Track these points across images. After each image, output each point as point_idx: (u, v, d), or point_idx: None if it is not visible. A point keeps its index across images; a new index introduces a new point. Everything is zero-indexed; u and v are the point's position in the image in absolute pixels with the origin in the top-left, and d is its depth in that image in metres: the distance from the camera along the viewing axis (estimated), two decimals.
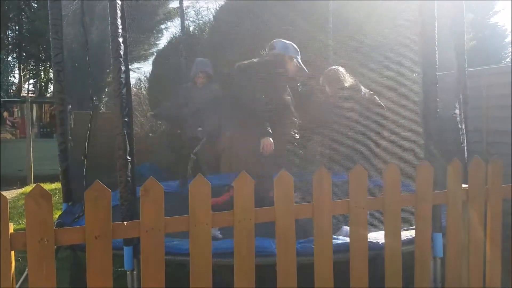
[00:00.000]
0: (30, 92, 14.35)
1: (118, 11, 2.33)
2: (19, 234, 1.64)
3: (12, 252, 1.65)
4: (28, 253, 1.63)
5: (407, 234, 2.46)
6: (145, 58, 11.36)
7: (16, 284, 2.14)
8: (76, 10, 3.59)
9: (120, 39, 2.34)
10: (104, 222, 1.73)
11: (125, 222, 1.81)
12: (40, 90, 14.33)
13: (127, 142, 2.33)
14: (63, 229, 1.75)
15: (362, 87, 3.41)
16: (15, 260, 1.73)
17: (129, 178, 2.35)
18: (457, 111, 3.05)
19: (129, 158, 2.35)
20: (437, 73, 2.49)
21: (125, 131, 2.33)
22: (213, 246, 1.92)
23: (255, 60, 3.53)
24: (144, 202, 1.79)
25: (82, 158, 3.28)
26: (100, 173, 3.33)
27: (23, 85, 14.01)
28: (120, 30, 2.34)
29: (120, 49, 2.33)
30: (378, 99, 3.37)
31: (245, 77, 3.41)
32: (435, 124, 2.48)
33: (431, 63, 2.48)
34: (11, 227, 1.65)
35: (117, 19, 2.32)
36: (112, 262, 1.75)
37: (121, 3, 2.36)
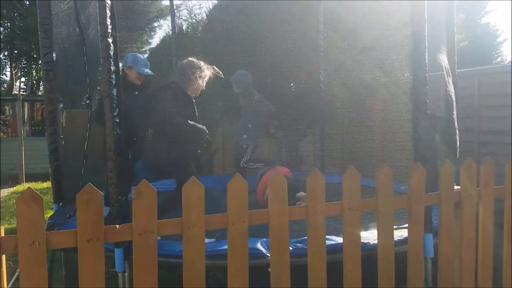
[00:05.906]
0: (21, 90, 14.21)
1: (108, 11, 2.30)
2: (10, 237, 1.62)
3: (3, 256, 1.63)
4: (19, 257, 1.61)
5: (399, 234, 2.47)
6: None
7: (7, 284, 2.12)
8: (69, 9, 3.53)
9: (110, 39, 2.30)
10: (96, 226, 1.71)
11: (117, 226, 1.80)
12: (32, 88, 14.19)
13: (117, 143, 2.30)
14: (54, 233, 1.73)
15: None
16: (6, 263, 1.71)
17: (119, 179, 2.32)
18: (454, 111, 3.05)
19: (121, 159, 2.32)
20: (427, 75, 2.48)
21: (115, 132, 2.30)
22: (207, 247, 1.92)
23: None
24: (137, 204, 1.77)
25: (82, 158, 3.22)
26: (92, 173, 3.30)
27: (14, 83, 13.88)
28: (109, 30, 2.31)
29: (109, 49, 2.30)
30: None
31: None
32: (425, 125, 2.47)
33: (421, 65, 2.45)
34: (2, 230, 1.63)
35: (106, 19, 2.29)
36: (104, 266, 1.74)
37: (111, 3, 2.33)
